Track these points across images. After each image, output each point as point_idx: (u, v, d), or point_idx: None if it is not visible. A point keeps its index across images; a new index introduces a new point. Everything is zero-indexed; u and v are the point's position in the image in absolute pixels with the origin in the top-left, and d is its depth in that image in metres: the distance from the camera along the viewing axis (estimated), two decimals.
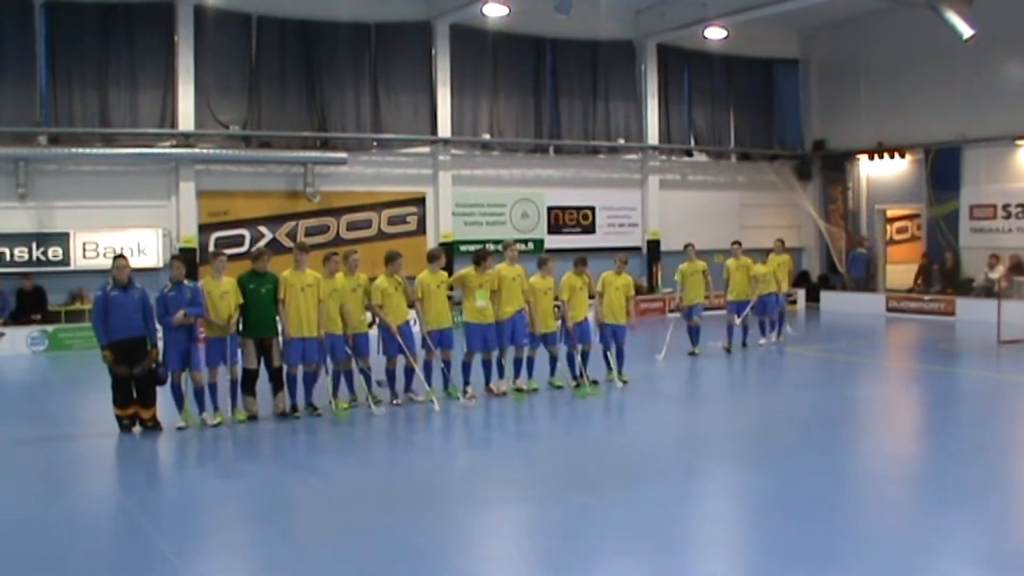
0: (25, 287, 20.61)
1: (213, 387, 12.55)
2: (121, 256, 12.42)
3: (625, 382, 15.10)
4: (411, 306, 13.92)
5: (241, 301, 12.60)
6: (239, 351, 12.70)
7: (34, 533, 8.41)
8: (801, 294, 28.71)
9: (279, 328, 12.86)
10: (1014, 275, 23.95)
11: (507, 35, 25.18)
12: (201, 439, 11.99)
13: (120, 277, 12.04)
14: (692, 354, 18.06)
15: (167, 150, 21.89)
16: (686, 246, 18.75)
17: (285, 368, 12.91)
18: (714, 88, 28.72)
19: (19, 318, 20.45)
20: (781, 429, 12.61)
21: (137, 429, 12.14)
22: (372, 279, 13.80)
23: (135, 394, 12.10)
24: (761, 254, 20.05)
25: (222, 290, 12.53)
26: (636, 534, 8.14)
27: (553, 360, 14.88)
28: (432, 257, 14.33)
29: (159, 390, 12.29)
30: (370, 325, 13.80)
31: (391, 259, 13.83)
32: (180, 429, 12.21)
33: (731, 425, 13.19)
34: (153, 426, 12.18)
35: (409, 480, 10.16)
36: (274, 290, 12.77)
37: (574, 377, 14.86)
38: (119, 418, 12.13)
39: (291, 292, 12.76)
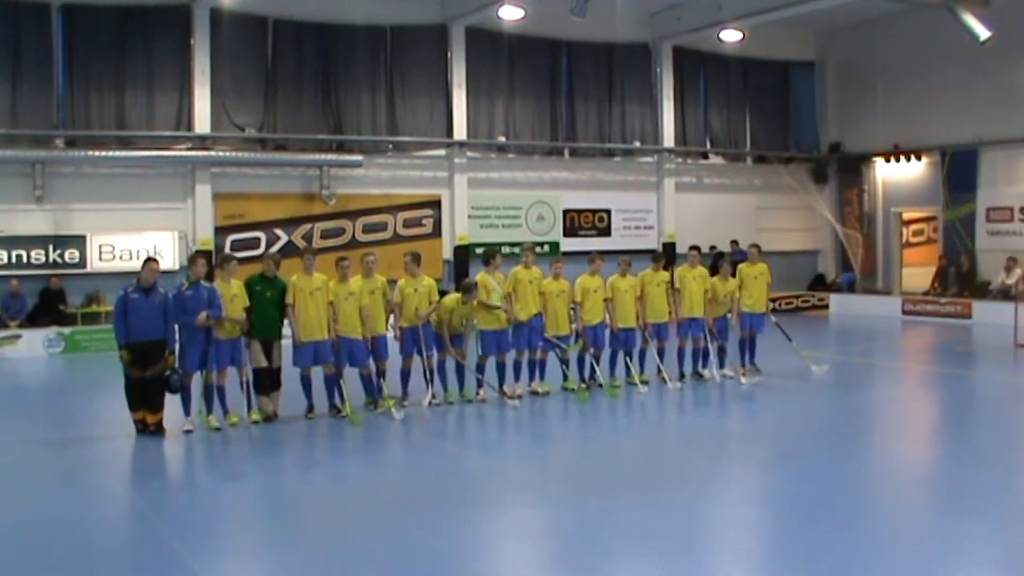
0: (52, 286, 20.71)
1: (222, 389, 12.56)
2: (152, 259, 12.32)
3: (646, 382, 15.03)
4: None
5: (248, 304, 12.63)
6: (247, 353, 12.70)
7: (51, 535, 8.43)
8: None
9: (280, 331, 12.89)
10: None
11: (523, 38, 25.15)
12: (215, 441, 12.00)
13: (147, 280, 12.00)
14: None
15: (183, 153, 21.96)
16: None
17: (299, 371, 12.92)
18: (730, 90, 28.66)
19: (41, 316, 20.51)
20: (798, 433, 12.57)
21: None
22: (391, 281, 13.85)
23: (144, 398, 12.05)
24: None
25: (232, 293, 12.55)
26: (653, 538, 8.12)
27: (564, 363, 14.78)
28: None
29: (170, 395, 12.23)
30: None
31: (417, 260, 13.99)
32: (187, 432, 12.15)
33: (747, 428, 13.18)
34: (156, 430, 12.07)
35: (425, 482, 10.15)
36: (280, 295, 12.80)
37: (582, 381, 14.85)
38: (135, 421, 12.12)
39: (300, 296, 12.76)
